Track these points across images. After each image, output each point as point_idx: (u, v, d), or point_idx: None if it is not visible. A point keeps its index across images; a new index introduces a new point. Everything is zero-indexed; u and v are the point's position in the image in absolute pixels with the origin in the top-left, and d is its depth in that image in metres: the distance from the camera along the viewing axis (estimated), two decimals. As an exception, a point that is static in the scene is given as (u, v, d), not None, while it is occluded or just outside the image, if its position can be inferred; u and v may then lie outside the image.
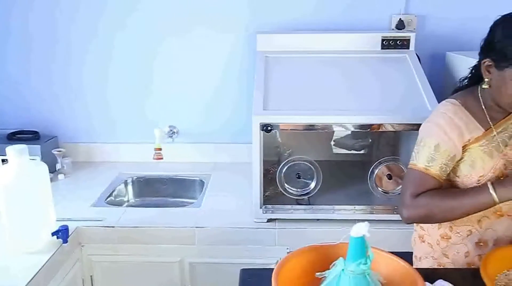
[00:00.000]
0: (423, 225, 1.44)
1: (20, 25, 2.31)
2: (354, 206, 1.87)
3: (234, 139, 2.44)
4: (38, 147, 2.21)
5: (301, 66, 2.05)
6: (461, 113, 1.29)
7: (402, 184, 1.38)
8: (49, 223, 1.69)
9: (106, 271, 1.89)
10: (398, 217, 1.35)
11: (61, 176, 2.28)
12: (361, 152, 2.30)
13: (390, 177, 1.89)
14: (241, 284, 1.23)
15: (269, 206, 1.86)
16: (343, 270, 0.94)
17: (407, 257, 1.46)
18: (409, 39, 2.13)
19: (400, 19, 2.23)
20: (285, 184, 1.91)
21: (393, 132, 1.98)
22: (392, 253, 1.07)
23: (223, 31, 2.31)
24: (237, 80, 2.38)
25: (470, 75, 1.39)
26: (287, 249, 1.83)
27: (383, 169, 1.88)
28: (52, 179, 2.15)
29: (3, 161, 1.62)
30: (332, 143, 2.29)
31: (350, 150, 2.29)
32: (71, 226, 1.76)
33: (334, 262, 0.97)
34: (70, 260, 1.77)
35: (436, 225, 1.39)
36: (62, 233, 1.67)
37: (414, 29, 2.24)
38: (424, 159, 1.29)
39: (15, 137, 2.34)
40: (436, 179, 1.28)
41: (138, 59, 2.36)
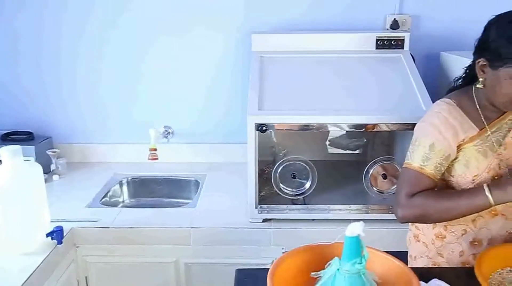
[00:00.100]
0: (418, 224, 1.45)
1: (11, 26, 2.30)
2: (349, 206, 1.88)
3: (229, 139, 2.44)
4: (33, 147, 2.20)
5: (296, 66, 2.06)
6: (455, 113, 1.29)
7: (397, 184, 1.38)
8: (44, 224, 1.69)
9: (101, 272, 1.88)
10: (393, 217, 1.36)
11: (55, 177, 2.28)
12: (356, 152, 2.30)
13: (385, 176, 1.89)
14: (236, 284, 1.23)
15: (265, 206, 1.86)
16: (338, 269, 0.95)
17: (402, 256, 1.46)
18: (403, 39, 2.14)
19: (395, 19, 2.24)
20: (280, 184, 1.91)
21: (388, 131, 1.99)
22: (387, 252, 1.08)
23: (218, 31, 2.31)
24: (232, 80, 2.38)
25: (464, 75, 1.40)
26: (282, 249, 1.83)
27: (378, 169, 1.89)
28: (47, 180, 2.14)
29: (-3, 162, 1.61)
30: (327, 143, 2.30)
31: (345, 150, 2.29)
32: (66, 227, 1.75)
33: (329, 262, 0.97)
34: (64, 261, 1.77)
35: (431, 224, 1.40)
36: (57, 234, 1.66)
37: (409, 29, 2.25)
38: (419, 158, 1.29)
39: (9, 138, 2.33)
40: (431, 178, 1.29)
41: (133, 59, 2.36)
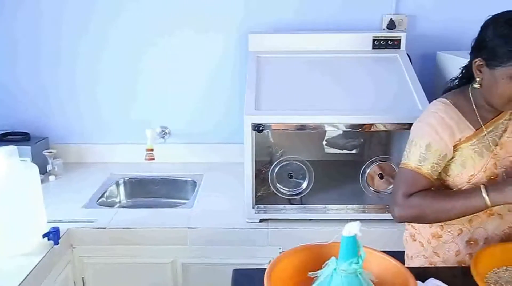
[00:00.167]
0: (414, 224, 1.45)
1: (8, 26, 2.29)
2: (346, 206, 1.88)
3: (226, 139, 2.44)
4: (29, 148, 2.20)
5: (293, 66, 2.06)
6: (452, 113, 1.30)
7: (394, 183, 1.39)
8: (40, 224, 1.68)
9: (98, 273, 1.88)
10: (389, 216, 1.36)
11: (52, 178, 2.27)
12: (353, 151, 2.31)
13: (381, 176, 1.89)
14: (233, 285, 1.23)
15: (262, 206, 1.86)
16: (335, 269, 0.95)
17: (399, 256, 1.46)
18: (400, 39, 2.14)
19: (391, 19, 2.24)
20: (277, 184, 1.91)
21: (384, 131, 2.00)
22: (384, 252, 1.08)
23: (215, 31, 2.31)
24: (229, 80, 2.37)
25: (460, 75, 1.40)
26: (279, 249, 1.83)
27: (374, 169, 1.89)
28: (43, 181, 2.14)
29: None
30: (324, 143, 2.30)
31: (342, 149, 2.29)
32: (62, 227, 1.75)
33: (326, 262, 0.97)
34: (61, 262, 1.76)
35: (427, 224, 1.40)
36: (53, 235, 1.66)
37: (405, 29, 2.25)
38: (415, 158, 1.30)
39: (5, 138, 2.32)
40: (427, 178, 1.29)
41: (129, 59, 2.35)
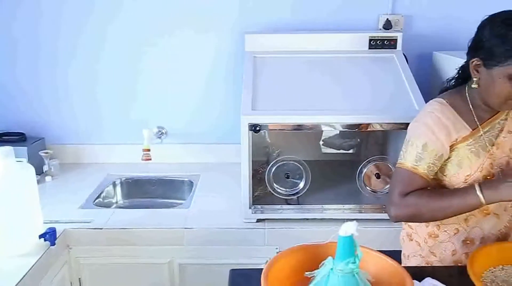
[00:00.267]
0: (411, 223, 1.45)
1: (5, 27, 2.28)
2: (343, 206, 1.88)
3: (223, 140, 2.44)
4: (25, 148, 2.19)
5: (290, 66, 2.06)
6: (448, 113, 1.30)
7: (390, 183, 1.39)
8: (36, 225, 1.68)
9: (94, 273, 1.88)
10: (386, 216, 1.36)
11: (48, 178, 2.26)
12: (349, 151, 2.31)
13: (378, 176, 1.90)
14: (230, 285, 1.23)
15: (258, 206, 1.86)
16: (332, 269, 0.95)
17: (396, 255, 1.47)
18: (396, 39, 2.15)
19: (387, 19, 2.25)
20: (274, 184, 1.91)
21: (381, 131, 2.00)
22: (381, 251, 1.08)
23: (211, 31, 2.31)
24: (225, 80, 2.37)
25: (457, 75, 1.40)
26: (276, 249, 1.83)
27: (371, 168, 1.90)
28: (39, 181, 2.13)
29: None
30: (321, 142, 2.30)
31: (338, 149, 2.30)
32: (59, 228, 1.74)
33: (323, 262, 0.97)
34: (58, 262, 1.76)
35: (424, 223, 1.40)
36: (50, 236, 1.65)
37: (401, 29, 2.26)
38: (412, 158, 1.30)
39: (1, 138, 2.31)
40: (423, 178, 1.29)
41: (126, 59, 2.35)
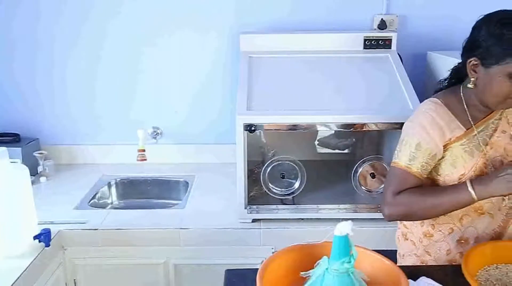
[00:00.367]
0: (406, 223, 1.46)
1: (3, 27, 2.27)
2: (338, 205, 1.89)
3: (218, 140, 2.44)
4: (19, 149, 2.18)
5: (285, 66, 2.06)
6: (442, 112, 1.30)
7: (384, 182, 1.39)
8: (31, 226, 1.67)
9: (89, 274, 1.87)
10: (381, 216, 1.36)
11: (43, 179, 2.25)
12: (345, 151, 2.31)
13: (373, 176, 1.90)
14: (226, 285, 1.23)
15: (254, 206, 1.86)
16: (327, 269, 0.95)
17: (392, 254, 1.47)
18: (391, 39, 2.15)
19: (382, 19, 2.25)
20: (270, 184, 1.91)
21: (376, 131, 2.00)
22: (377, 251, 1.08)
23: (206, 32, 2.30)
24: (220, 80, 2.37)
25: (450, 76, 1.41)
26: (272, 249, 1.83)
27: (366, 168, 1.90)
28: (34, 182, 2.12)
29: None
30: (316, 142, 2.30)
31: (334, 149, 2.30)
32: (54, 229, 1.74)
33: (318, 261, 0.98)
34: (52, 263, 1.75)
35: (418, 223, 1.41)
36: (44, 237, 1.65)
37: (396, 29, 2.26)
38: (406, 157, 1.30)
39: (-5, 139, 2.30)
40: (417, 177, 1.30)
41: (120, 60, 2.34)
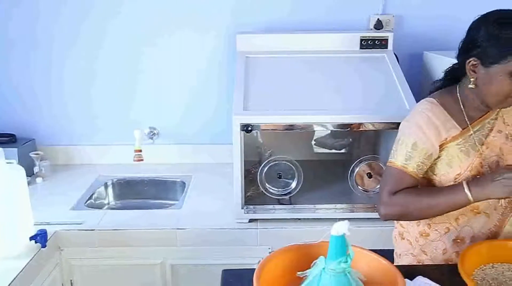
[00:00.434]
0: (402, 222, 1.46)
1: (2, 26, 2.26)
2: (335, 205, 1.89)
3: (215, 140, 2.43)
4: (15, 150, 2.17)
5: (281, 66, 2.06)
6: (438, 112, 1.31)
7: (381, 182, 1.40)
8: (27, 227, 1.66)
9: (86, 275, 1.87)
10: (378, 215, 1.37)
11: (39, 180, 2.25)
12: (341, 151, 2.31)
13: (370, 175, 1.90)
14: (223, 285, 1.23)
15: (251, 207, 1.86)
16: (324, 268, 0.95)
17: (389, 254, 1.48)
18: (387, 39, 2.15)
19: (378, 19, 2.25)
20: (266, 184, 1.91)
21: (373, 131, 2.01)
22: (374, 250, 1.08)
23: (203, 32, 2.30)
24: (217, 80, 2.37)
25: (445, 77, 1.41)
26: (269, 249, 1.83)
27: (363, 168, 1.90)
28: (30, 183, 2.12)
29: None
30: (313, 142, 2.30)
31: (330, 149, 2.30)
32: (50, 230, 1.73)
33: (315, 261, 0.98)
34: (49, 264, 1.75)
35: (415, 222, 1.41)
36: (41, 237, 1.64)
37: (392, 29, 2.27)
38: (402, 157, 1.31)
39: (-9, 140, 2.29)
40: (413, 177, 1.30)
41: (117, 60, 2.33)
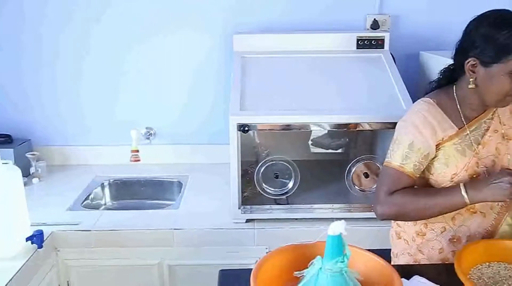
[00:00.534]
0: (399, 222, 1.46)
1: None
2: (332, 205, 1.89)
3: (211, 140, 2.43)
4: (11, 150, 2.17)
5: (278, 66, 2.06)
6: (435, 112, 1.31)
7: (377, 182, 1.40)
8: (23, 228, 1.66)
9: (83, 276, 1.86)
10: (375, 215, 1.37)
11: (35, 180, 2.24)
12: (338, 151, 2.31)
13: (367, 175, 1.91)
14: (220, 285, 1.23)
15: (248, 207, 1.86)
16: (320, 268, 0.95)
17: (386, 254, 1.48)
18: (383, 39, 2.16)
19: (375, 19, 2.26)
20: (263, 184, 1.91)
21: (369, 131, 2.01)
22: (371, 250, 1.08)
23: (200, 32, 2.30)
24: (214, 81, 2.37)
25: (440, 77, 1.41)
26: (266, 249, 1.83)
27: (360, 168, 1.90)
28: (26, 183, 2.11)
29: (-26, 165, 1.58)
30: (310, 142, 2.30)
31: (327, 149, 2.30)
32: (46, 230, 1.73)
33: (312, 261, 0.98)
34: (45, 265, 1.74)
35: (411, 222, 1.41)
36: (37, 238, 1.64)
37: (389, 29, 2.27)
38: (399, 157, 1.31)
39: (-13, 141, 2.28)
40: (410, 177, 1.30)
41: (113, 60, 2.33)
